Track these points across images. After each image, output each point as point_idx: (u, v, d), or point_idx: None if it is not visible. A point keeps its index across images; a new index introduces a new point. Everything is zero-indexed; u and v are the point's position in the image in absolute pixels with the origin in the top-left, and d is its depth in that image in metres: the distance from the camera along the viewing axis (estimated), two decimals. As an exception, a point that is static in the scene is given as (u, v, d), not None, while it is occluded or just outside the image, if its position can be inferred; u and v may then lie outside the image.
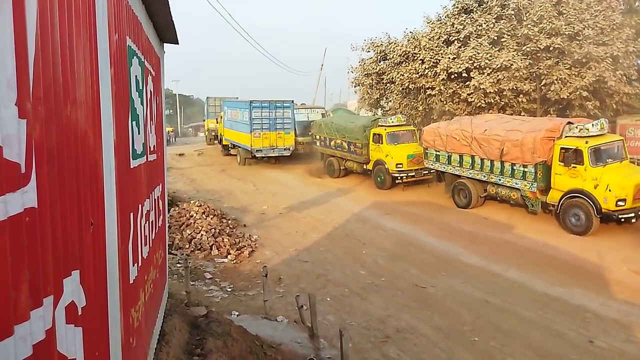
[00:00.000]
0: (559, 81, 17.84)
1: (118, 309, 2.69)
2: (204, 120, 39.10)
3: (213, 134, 34.36)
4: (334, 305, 8.68)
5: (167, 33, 5.42)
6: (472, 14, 20.82)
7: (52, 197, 1.64)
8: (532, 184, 13.10)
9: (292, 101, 24.85)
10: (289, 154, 24.28)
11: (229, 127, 27.06)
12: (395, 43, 22.49)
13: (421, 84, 20.93)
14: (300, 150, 25.45)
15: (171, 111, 62.21)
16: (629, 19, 18.01)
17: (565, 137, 12.70)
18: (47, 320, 1.57)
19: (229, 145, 28.19)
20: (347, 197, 17.78)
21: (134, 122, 3.39)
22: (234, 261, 11.02)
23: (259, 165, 25.33)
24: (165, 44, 5.94)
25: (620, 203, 11.35)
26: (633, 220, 11.49)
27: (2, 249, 1.30)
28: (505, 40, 19.12)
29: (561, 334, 7.49)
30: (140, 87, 3.78)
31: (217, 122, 31.56)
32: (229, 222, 13.77)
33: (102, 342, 2.40)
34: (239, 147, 25.68)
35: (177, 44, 5.99)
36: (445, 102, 20.76)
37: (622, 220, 11.48)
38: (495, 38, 19.55)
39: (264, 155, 23.95)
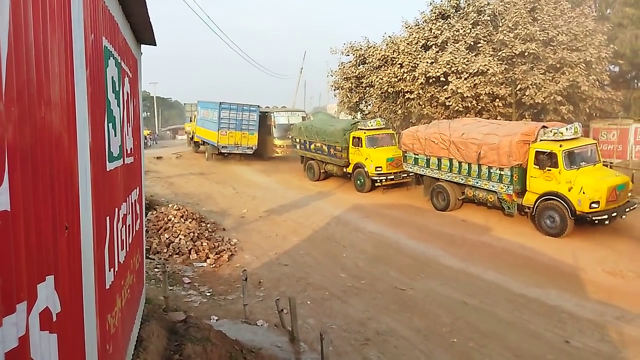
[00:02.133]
0: (534, 86, 18.20)
1: (94, 315, 2.63)
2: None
3: (189, 136, 35.83)
4: (314, 308, 8.66)
5: (144, 34, 5.34)
6: (449, 19, 21.11)
7: (25, 200, 1.60)
8: (508, 187, 13.30)
9: (258, 106, 26.96)
10: (251, 152, 26.48)
11: (201, 125, 29.17)
12: (374, 47, 22.67)
13: (400, 88, 21.12)
14: (279, 154, 25.43)
15: (149, 114, 61.43)
16: (601, 26, 18.51)
17: (540, 140, 12.94)
18: (21, 327, 1.53)
19: (200, 142, 30.46)
20: (327, 200, 17.80)
21: (110, 124, 3.33)
22: (213, 265, 10.91)
23: (237, 167, 25.32)
24: (142, 46, 5.87)
25: (593, 205, 11.61)
26: (606, 222, 11.72)
27: (-28, 254, 1.26)
28: (481, 46, 19.44)
29: (538, 334, 7.61)
30: (117, 89, 3.72)
31: (190, 121, 34.25)
32: (208, 225, 13.63)
33: (78, 349, 2.35)
34: (208, 143, 27.84)
35: (155, 45, 5.91)
36: (423, 106, 20.98)
37: (596, 222, 11.70)
38: (472, 43, 19.86)
39: (228, 152, 26.24)
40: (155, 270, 9.80)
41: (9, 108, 1.48)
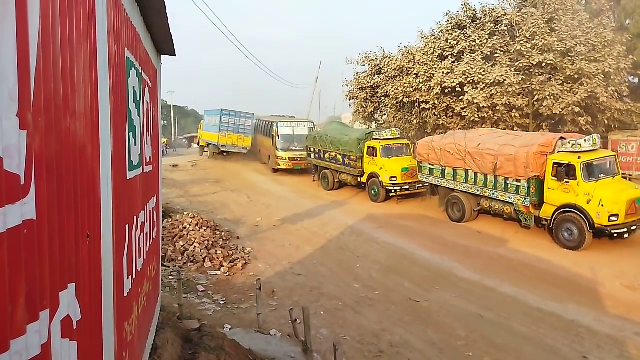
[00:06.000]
0: (552, 97, 18.02)
1: (112, 323, 2.65)
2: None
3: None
4: (327, 319, 8.62)
5: (164, 45, 5.43)
6: (465, 29, 21.07)
7: (50, 208, 1.62)
8: (525, 199, 13.15)
9: (253, 114, 30.81)
10: (245, 152, 30.27)
11: (207, 130, 33.52)
12: (389, 57, 22.68)
13: (415, 98, 21.08)
14: (281, 166, 25.09)
15: (166, 122, 62.08)
16: (620, 36, 18.31)
17: (558, 152, 12.79)
18: (43, 335, 1.55)
19: (205, 145, 34.97)
20: (341, 210, 17.76)
21: (131, 134, 3.38)
22: (227, 274, 10.94)
23: (253, 176, 25.47)
24: (162, 56, 5.95)
25: (612, 218, 11.41)
26: (626, 236, 11.53)
27: (0, 262, 1.28)
28: (498, 56, 19.34)
29: (555, 349, 7.48)
30: (138, 99, 3.77)
31: (197, 128, 38.89)
32: (223, 234, 13.69)
33: (96, 357, 2.37)
34: (211, 144, 32.41)
35: (175, 55, 6.00)
36: (439, 116, 20.90)
37: (615, 235, 11.52)
38: (489, 53, 19.77)
39: (227, 150, 30.49)
40: (170, 277, 9.86)
41: (37, 118, 1.51)
